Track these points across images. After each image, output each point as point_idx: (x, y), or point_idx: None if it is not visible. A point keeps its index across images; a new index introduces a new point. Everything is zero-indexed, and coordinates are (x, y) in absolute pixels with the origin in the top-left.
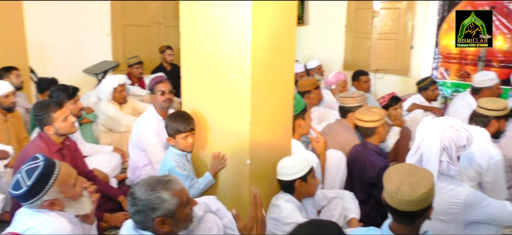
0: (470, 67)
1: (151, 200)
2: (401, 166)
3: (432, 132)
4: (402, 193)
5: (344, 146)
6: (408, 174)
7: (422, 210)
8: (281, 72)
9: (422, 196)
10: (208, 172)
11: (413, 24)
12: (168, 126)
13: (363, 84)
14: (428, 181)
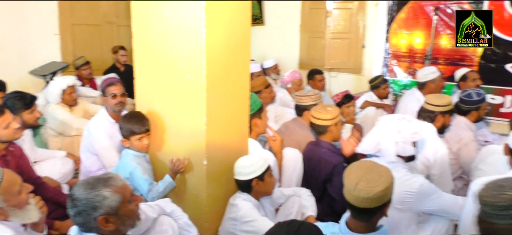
0: (419, 65)
1: (91, 199)
2: (362, 162)
3: (388, 121)
4: (359, 190)
5: (300, 144)
6: (367, 171)
7: (379, 207)
8: (237, 71)
9: (378, 194)
10: (168, 175)
11: (364, 24)
12: (122, 127)
13: (318, 83)
14: (385, 180)
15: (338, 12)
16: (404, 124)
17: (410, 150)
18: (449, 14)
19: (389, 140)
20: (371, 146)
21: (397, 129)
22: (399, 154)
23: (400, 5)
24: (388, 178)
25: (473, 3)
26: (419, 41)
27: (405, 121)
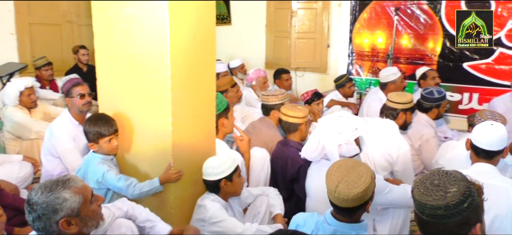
0: (381, 64)
1: (50, 202)
2: (343, 162)
3: (328, 124)
4: (339, 192)
5: (268, 143)
6: (347, 172)
7: (360, 205)
8: (202, 71)
9: (358, 195)
10: (158, 179)
11: (328, 24)
12: (89, 131)
13: (285, 82)
14: (365, 180)
15: (303, 12)
16: (343, 123)
17: (353, 149)
18: (409, 14)
19: (332, 143)
20: (317, 151)
21: (337, 130)
22: (343, 155)
23: (363, 6)
24: (368, 178)
25: (430, 4)
26: (381, 41)
27: (344, 118)
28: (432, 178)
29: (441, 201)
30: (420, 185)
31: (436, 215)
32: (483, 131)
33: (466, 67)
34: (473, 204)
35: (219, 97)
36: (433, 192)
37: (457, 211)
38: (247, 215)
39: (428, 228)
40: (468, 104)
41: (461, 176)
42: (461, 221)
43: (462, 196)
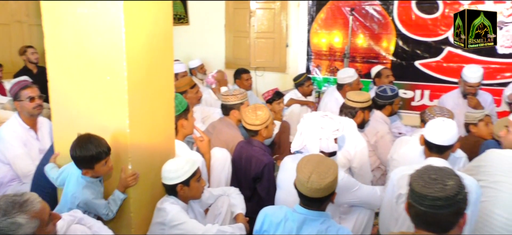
0: (338, 63)
1: (4, 228)
2: (311, 156)
3: (312, 119)
4: (312, 182)
5: (228, 143)
6: (317, 164)
7: (328, 196)
8: (160, 72)
9: (329, 184)
10: (117, 190)
11: (287, 24)
12: (80, 158)
13: (245, 82)
14: (333, 171)
15: (261, 12)
16: (327, 121)
17: (332, 146)
18: (363, 14)
19: (313, 137)
20: (298, 143)
21: (320, 125)
22: (322, 150)
23: (319, 6)
24: (336, 169)
25: (384, 5)
26: (338, 41)
27: (328, 118)
28: (428, 173)
29: (442, 192)
30: (419, 179)
31: (435, 205)
32: (435, 128)
33: (417, 66)
34: (464, 195)
35: (179, 98)
36: (433, 185)
37: (453, 201)
38: (208, 216)
39: (425, 217)
40: (420, 101)
41: (452, 171)
42: (455, 210)
43: (458, 187)
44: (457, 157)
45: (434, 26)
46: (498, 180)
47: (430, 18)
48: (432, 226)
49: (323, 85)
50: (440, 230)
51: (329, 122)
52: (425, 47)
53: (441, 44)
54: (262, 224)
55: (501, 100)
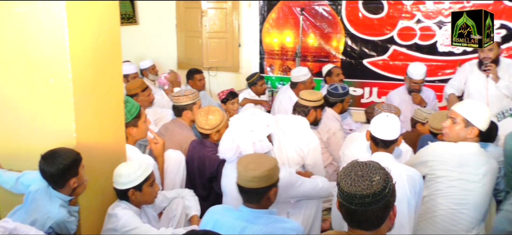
0: (291, 62)
1: None
2: (249, 154)
3: (241, 123)
4: (249, 169)
5: (182, 145)
6: (256, 157)
7: (266, 188)
8: (108, 73)
9: (265, 173)
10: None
11: (239, 23)
12: (60, 174)
13: (198, 82)
14: (271, 162)
15: (213, 12)
16: (255, 120)
17: (267, 146)
18: (313, 14)
19: (246, 142)
20: (232, 151)
21: (250, 128)
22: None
23: (270, 6)
24: (273, 161)
25: (332, 5)
26: (290, 40)
27: (255, 116)
28: (355, 170)
29: (369, 189)
30: (346, 178)
31: (364, 203)
32: (379, 123)
33: (366, 64)
34: (391, 188)
35: (130, 104)
36: (360, 182)
37: (381, 196)
38: (162, 219)
39: (356, 216)
40: (369, 98)
41: (378, 165)
42: (384, 205)
43: (384, 182)
44: (403, 151)
45: (380, 25)
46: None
47: (376, 18)
48: (364, 223)
49: (277, 84)
50: (372, 227)
51: (258, 121)
52: (372, 46)
53: (387, 43)
54: (206, 223)
55: (442, 96)
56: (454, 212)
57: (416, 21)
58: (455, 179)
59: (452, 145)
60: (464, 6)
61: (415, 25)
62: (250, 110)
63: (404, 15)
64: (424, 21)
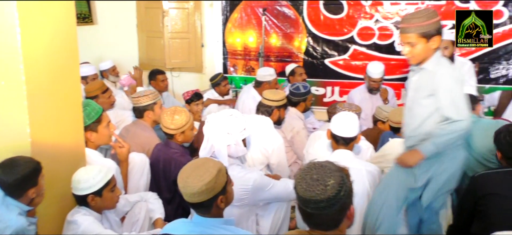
0: (254, 63)
1: None
2: (192, 162)
3: (217, 123)
4: (188, 186)
5: (144, 147)
6: (196, 168)
7: (212, 198)
8: (65, 75)
9: (205, 187)
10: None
11: (201, 24)
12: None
13: (161, 83)
14: (211, 172)
15: (175, 12)
16: (233, 123)
17: (241, 150)
18: (276, 14)
19: (221, 143)
20: (206, 150)
21: (226, 130)
22: (231, 156)
23: (233, 6)
24: (214, 170)
25: (294, 5)
26: (253, 40)
27: (233, 117)
28: (311, 173)
29: (323, 195)
30: (302, 181)
31: (319, 207)
32: (339, 121)
33: (327, 63)
34: (347, 190)
35: (90, 107)
36: (314, 187)
37: (336, 200)
38: (125, 224)
39: (312, 219)
40: (331, 97)
41: (334, 166)
42: (340, 207)
43: (338, 186)
44: (364, 148)
45: (340, 26)
46: None
47: (337, 18)
48: (321, 225)
49: (241, 84)
50: (330, 228)
51: (235, 124)
52: (333, 46)
53: (347, 43)
54: None
55: (400, 94)
56: None
57: (374, 22)
58: None
59: None
60: (419, 7)
61: (373, 25)
62: (228, 110)
63: (363, 15)
64: (382, 21)
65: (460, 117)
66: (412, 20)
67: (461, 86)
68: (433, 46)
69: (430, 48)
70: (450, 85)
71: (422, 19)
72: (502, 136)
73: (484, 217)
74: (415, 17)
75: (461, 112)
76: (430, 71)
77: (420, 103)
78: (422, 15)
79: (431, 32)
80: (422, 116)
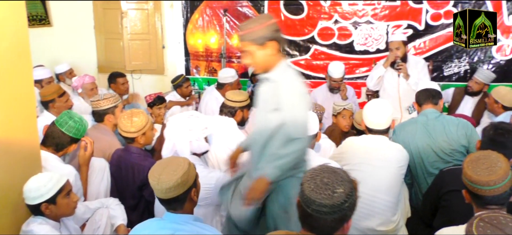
0: (216, 64)
1: None
2: (161, 161)
3: (179, 121)
4: (163, 182)
5: (106, 151)
6: (166, 165)
7: (186, 191)
8: (16, 79)
9: (180, 179)
10: None
11: (162, 25)
12: None
13: (121, 86)
14: (183, 166)
15: (134, 13)
16: (194, 121)
17: (204, 146)
18: (237, 15)
19: (183, 140)
20: (168, 149)
21: (188, 127)
22: (194, 152)
23: (193, 7)
24: (185, 164)
25: (255, 6)
26: (214, 41)
27: (194, 117)
28: (322, 175)
29: (329, 200)
30: (311, 181)
31: (320, 211)
32: None
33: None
34: (352, 203)
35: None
36: (322, 190)
37: (339, 209)
38: (86, 231)
39: (309, 220)
40: None
41: (346, 176)
42: (340, 217)
43: (346, 196)
44: (327, 146)
45: (301, 26)
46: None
47: (297, 19)
48: (316, 229)
49: (204, 85)
50: (323, 234)
51: (197, 122)
52: (295, 46)
53: (309, 43)
54: None
55: (361, 93)
56: (370, 197)
57: (334, 22)
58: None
59: (363, 137)
60: (375, 7)
61: (333, 25)
62: (189, 112)
63: (323, 16)
64: (341, 21)
65: (298, 135)
66: (245, 27)
67: (305, 101)
68: (270, 53)
69: (268, 55)
70: (292, 100)
71: (254, 25)
72: (487, 132)
73: (446, 212)
74: (248, 23)
75: (300, 131)
76: (275, 81)
77: (266, 117)
78: (254, 21)
79: (265, 37)
80: (267, 133)
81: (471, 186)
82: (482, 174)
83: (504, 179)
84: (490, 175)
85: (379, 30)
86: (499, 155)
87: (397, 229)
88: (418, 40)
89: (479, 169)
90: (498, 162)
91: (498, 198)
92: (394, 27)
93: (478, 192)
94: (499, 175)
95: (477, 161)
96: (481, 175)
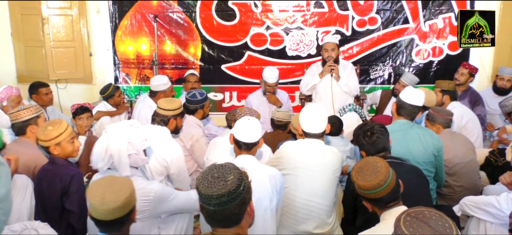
0: (148, 71)
1: None
2: (101, 179)
3: (117, 132)
4: (108, 203)
5: (30, 166)
6: (110, 184)
7: (127, 214)
8: None
9: (126, 201)
10: None
11: (88, 31)
12: None
13: (44, 97)
14: (128, 186)
15: (57, 19)
16: (133, 133)
17: (142, 159)
18: (168, 21)
19: (122, 153)
20: (104, 161)
21: (127, 140)
22: (132, 165)
23: (122, 13)
24: (130, 184)
25: (186, 12)
26: (145, 48)
27: (133, 128)
28: (212, 172)
29: (224, 189)
30: (204, 180)
31: (221, 202)
32: (242, 126)
33: (224, 69)
34: (246, 185)
35: None
36: (216, 183)
37: (236, 194)
38: None
39: (215, 216)
40: (229, 102)
41: (233, 165)
42: (240, 202)
43: (238, 181)
44: (264, 151)
45: (234, 32)
46: (295, 167)
47: (230, 25)
48: (223, 222)
49: (135, 94)
50: (232, 224)
51: (136, 134)
52: (229, 52)
53: (242, 49)
54: None
55: (295, 97)
56: (306, 201)
57: (266, 28)
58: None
59: (299, 142)
60: (305, 13)
61: (265, 31)
62: (128, 121)
63: (254, 22)
64: (273, 28)
65: None
66: None
67: None
68: None
69: None
70: None
71: None
72: (361, 138)
73: (364, 211)
74: None
75: None
76: None
77: None
78: None
79: None
80: None
81: (368, 193)
82: (371, 179)
83: (389, 175)
84: (378, 176)
85: (309, 36)
86: (374, 158)
87: (333, 230)
88: (346, 45)
89: (367, 176)
90: (377, 163)
91: (392, 194)
92: (324, 33)
93: (376, 196)
94: (384, 173)
95: (361, 170)
96: (370, 180)
